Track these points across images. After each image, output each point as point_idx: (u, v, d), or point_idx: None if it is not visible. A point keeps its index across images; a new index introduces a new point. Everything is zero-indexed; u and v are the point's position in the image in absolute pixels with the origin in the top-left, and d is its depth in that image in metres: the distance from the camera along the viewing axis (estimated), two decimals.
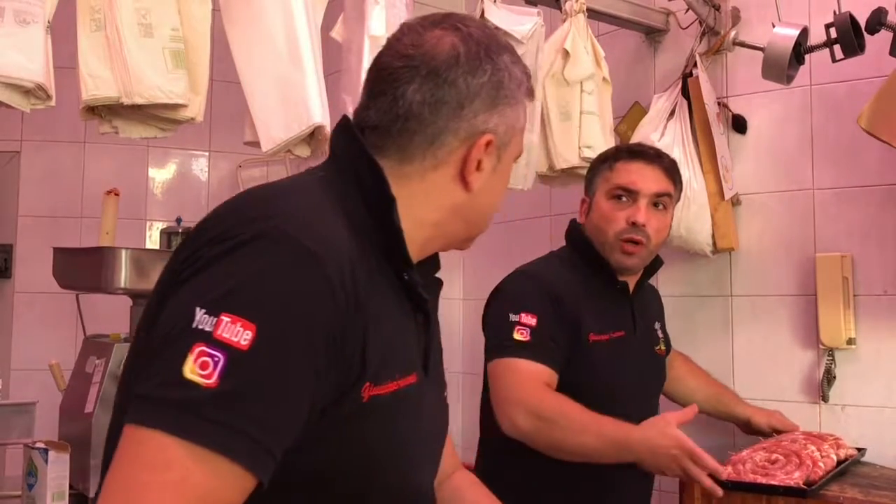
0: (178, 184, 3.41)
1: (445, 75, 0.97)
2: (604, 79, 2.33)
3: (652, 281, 2.48)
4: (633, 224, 1.85)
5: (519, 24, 2.08)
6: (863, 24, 2.01)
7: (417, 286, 0.99)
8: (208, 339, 0.79)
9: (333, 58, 1.92)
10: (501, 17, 2.07)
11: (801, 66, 2.20)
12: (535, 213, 2.96)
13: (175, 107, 1.66)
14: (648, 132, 2.37)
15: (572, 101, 2.23)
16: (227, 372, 0.78)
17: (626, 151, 1.95)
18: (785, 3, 2.30)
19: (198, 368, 0.78)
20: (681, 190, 2.00)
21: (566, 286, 1.86)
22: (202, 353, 0.78)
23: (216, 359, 0.78)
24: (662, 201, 1.91)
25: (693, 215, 2.33)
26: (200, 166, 3.43)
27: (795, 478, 1.79)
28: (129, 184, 3.04)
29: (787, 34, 2.13)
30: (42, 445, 1.96)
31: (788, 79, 2.18)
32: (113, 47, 1.61)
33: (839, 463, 1.96)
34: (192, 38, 1.70)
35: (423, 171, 1.00)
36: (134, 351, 0.96)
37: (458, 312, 3.16)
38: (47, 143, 3.11)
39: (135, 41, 1.61)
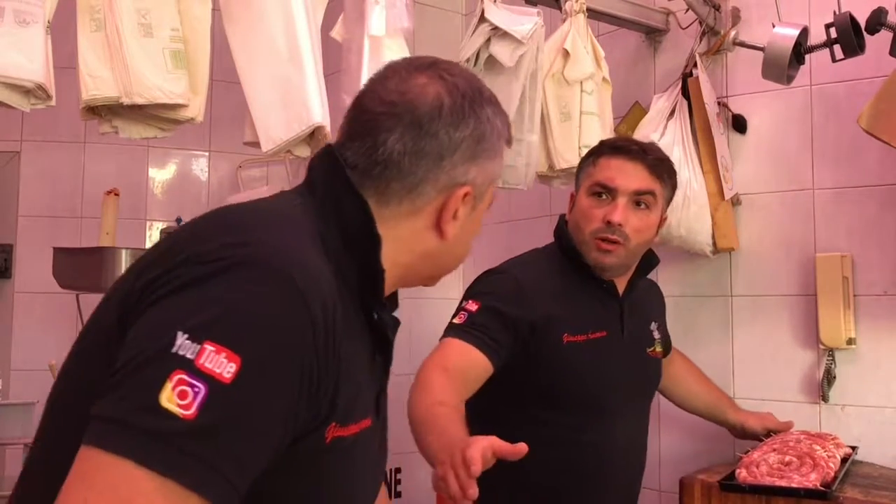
0: (178, 184, 3.41)
1: (428, 127, 0.96)
2: (604, 79, 2.33)
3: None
4: (609, 223, 1.78)
5: (519, 24, 2.08)
6: (863, 24, 2.01)
7: (387, 328, 0.99)
8: (190, 367, 0.74)
9: (333, 58, 1.92)
10: (501, 17, 2.07)
11: (801, 66, 2.20)
12: (535, 213, 2.96)
13: (175, 107, 1.66)
14: (648, 132, 2.37)
15: (572, 101, 2.22)
16: (208, 404, 0.74)
17: (610, 147, 1.87)
18: (785, 3, 2.30)
19: (176, 398, 0.73)
20: (672, 187, 1.91)
21: (538, 285, 1.81)
22: (182, 382, 0.74)
23: (197, 389, 0.74)
24: (644, 199, 1.82)
25: (693, 215, 2.33)
26: (200, 166, 3.43)
27: (812, 479, 1.80)
28: (129, 184, 3.04)
29: (787, 34, 2.13)
30: None
31: (788, 79, 2.18)
32: (113, 47, 1.61)
33: (842, 462, 1.97)
34: (192, 38, 1.70)
35: (399, 216, 0.98)
36: (75, 354, 0.91)
37: None
38: (47, 143, 3.11)
39: (135, 41, 1.61)
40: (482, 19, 2.07)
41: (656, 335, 2.02)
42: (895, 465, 2.11)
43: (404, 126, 0.96)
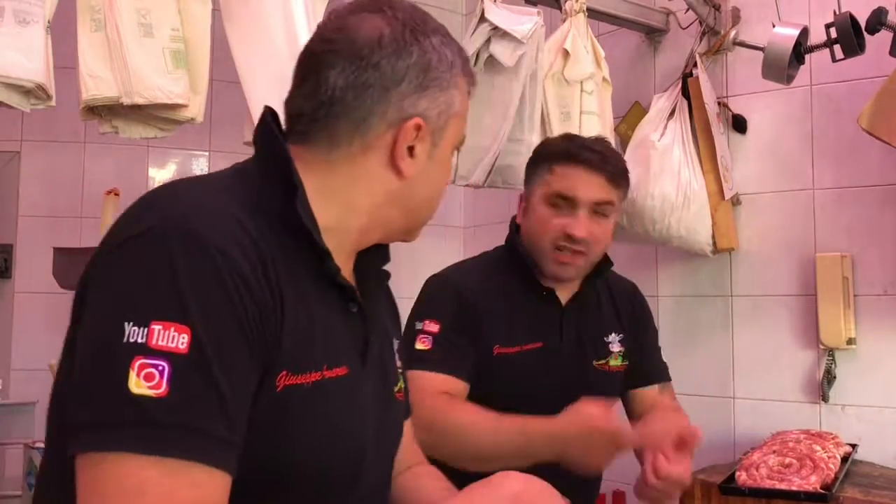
0: None
1: (368, 58, 0.94)
2: (604, 79, 2.33)
3: (652, 281, 2.47)
4: (570, 236, 1.70)
5: (519, 24, 2.08)
6: (863, 24, 2.01)
7: (336, 275, 0.95)
8: (145, 350, 0.76)
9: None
10: (501, 17, 2.07)
11: (802, 66, 2.20)
12: None
13: (175, 107, 1.66)
14: (648, 132, 2.38)
15: (572, 101, 2.22)
16: (175, 377, 0.76)
17: (565, 155, 1.75)
18: (785, 3, 2.30)
19: (143, 381, 0.75)
20: (626, 194, 1.82)
21: (478, 293, 1.74)
22: (144, 366, 0.75)
23: (160, 367, 0.76)
24: (603, 209, 1.73)
25: (693, 215, 2.33)
26: (200, 166, 3.42)
27: (812, 482, 1.80)
28: (129, 184, 3.03)
29: (787, 34, 2.13)
30: (42, 445, 1.96)
31: (788, 79, 2.18)
32: (113, 47, 1.61)
33: (842, 461, 1.97)
34: (192, 38, 1.70)
35: (352, 156, 0.96)
36: (64, 351, 0.91)
37: None
38: (47, 143, 3.11)
39: (135, 41, 1.61)
40: (482, 19, 2.08)
41: (615, 347, 1.85)
42: (895, 465, 2.11)
43: (344, 60, 0.94)
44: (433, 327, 1.69)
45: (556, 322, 1.78)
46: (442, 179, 1.05)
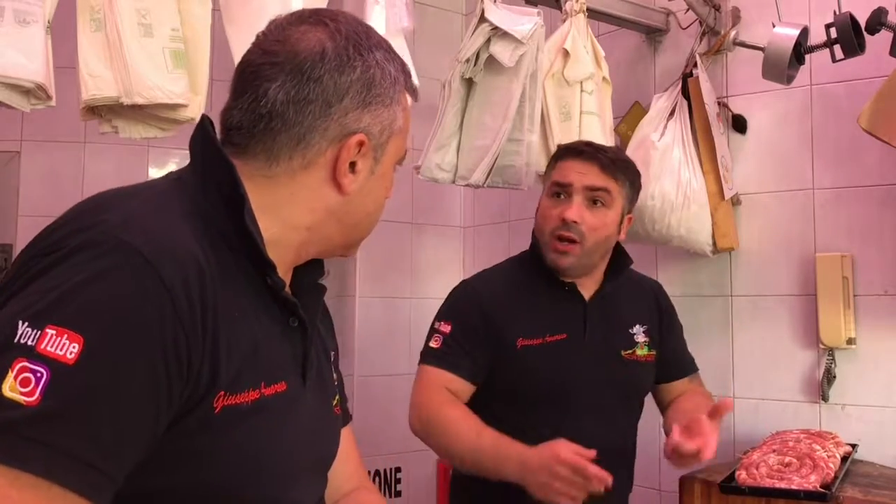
0: None
1: (310, 72, 0.92)
2: (604, 79, 2.33)
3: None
4: (564, 221, 1.78)
5: (519, 24, 2.08)
6: (863, 24, 2.01)
7: (281, 289, 0.93)
8: (30, 353, 0.72)
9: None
10: (501, 17, 2.07)
11: (801, 66, 2.20)
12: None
13: (175, 107, 1.66)
14: (648, 132, 2.37)
15: (572, 101, 2.22)
16: (51, 388, 0.71)
17: (566, 149, 1.88)
18: (785, 3, 2.30)
19: (18, 385, 0.71)
20: (634, 186, 1.87)
21: (498, 293, 1.85)
22: (24, 370, 0.71)
23: (38, 374, 0.71)
24: (600, 197, 1.80)
25: (693, 215, 2.33)
26: None
27: (812, 481, 1.81)
28: (128, 184, 3.04)
29: (787, 34, 2.13)
30: None
31: (788, 79, 2.18)
32: (113, 47, 1.61)
33: (842, 461, 1.97)
34: (192, 38, 1.70)
35: (292, 171, 0.94)
36: None
37: None
38: (47, 143, 3.11)
39: (135, 41, 1.61)
40: (482, 19, 2.08)
41: (641, 338, 1.93)
42: (895, 465, 2.11)
43: (286, 74, 0.92)
44: (445, 328, 1.82)
45: (580, 315, 1.86)
46: (382, 195, 1.04)
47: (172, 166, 3.35)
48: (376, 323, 3.24)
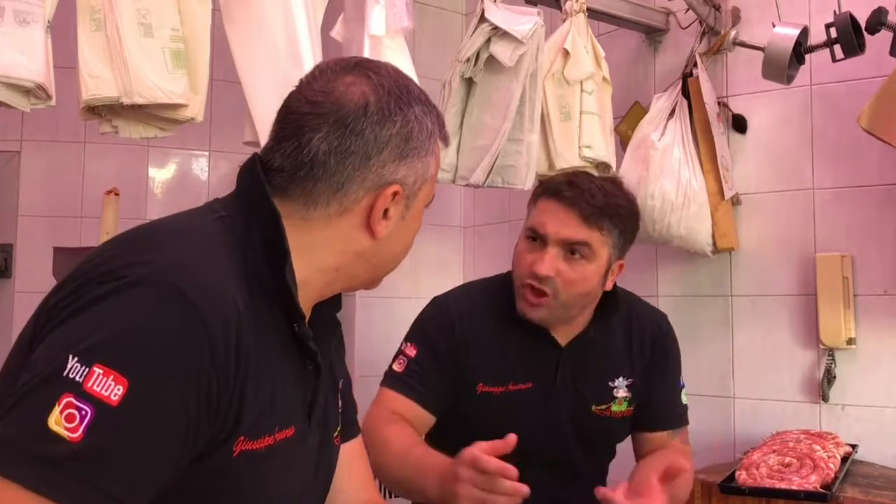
0: (178, 184, 3.40)
1: (353, 125, 0.96)
2: (604, 79, 2.33)
3: (652, 281, 2.46)
4: (535, 274, 1.61)
5: (519, 24, 2.08)
6: (863, 24, 2.01)
7: (308, 339, 0.97)
8: (78, 390, 0.76)
9: (333, 58, 1.92)
10: (501, 17, 2.07)
11: (802, 66, 2.20)
12: None
13: (175, 107, 1.66)
14: (648, 132, 2.38)
15: (572, 101, 2.22)
16: (94, 427, 0.75)
17: (547, 188, 1.67)
18: (785, 3, 2.30)
19: (63, 420, 0.75)
20: (625, 231, 1.65)
21: (472, 320, 1.70)
22: (70, 405, 0.75)
23: (84, 412, 0.75)
24: (579, 250, 1.60)
25: (693, 215, 2.33)
26: (200, 166, 3.42)
27: (812, 481, 1.81)
28: (129, 184, 3.04)
29: (787, 34, 2.13)
30: None
31: (788, 79, 2.18)
32: (113, 47, 1.61)
33: (842, 461, 1.97)
34: (192, 38, 1.70)
35: (328, 217, 0.98)
36: (5, 367, 0.91)
37: None
38: (47, 143, 3.11)
39: (135, 41, 1.61)
40: (482, 19, 2.08)
41: (621, 393, 1.73)
42: (895, 465, 2.11)
43: (329, 125, 0.96)
44: (411, 351, 1.70)
45: (553, 363, 1.70)
46: (412, 235, 1.08)
47: (172, 166, 3.36)
48: (376, 323, 3.23)
